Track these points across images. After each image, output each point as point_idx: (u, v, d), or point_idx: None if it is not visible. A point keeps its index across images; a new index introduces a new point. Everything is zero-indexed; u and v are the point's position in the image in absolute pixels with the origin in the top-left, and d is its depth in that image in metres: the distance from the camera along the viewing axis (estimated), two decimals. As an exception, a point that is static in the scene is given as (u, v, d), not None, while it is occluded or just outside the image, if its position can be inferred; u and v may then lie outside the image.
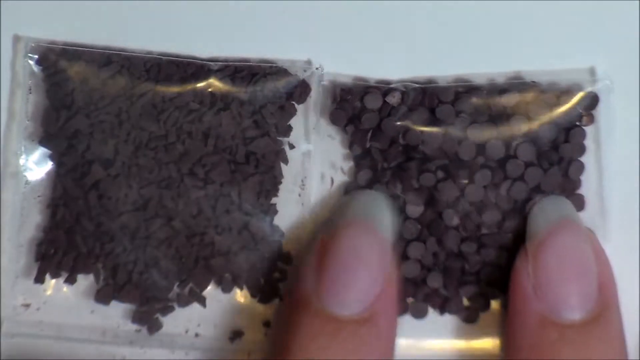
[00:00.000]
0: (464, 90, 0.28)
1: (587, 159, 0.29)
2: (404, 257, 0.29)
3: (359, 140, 0.29)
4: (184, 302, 0.29)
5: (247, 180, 0.29)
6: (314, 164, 0.29)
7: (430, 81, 0.29)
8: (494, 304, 0.29)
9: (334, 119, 0.29)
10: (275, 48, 0.29)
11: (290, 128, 0.29)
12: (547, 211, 0.28)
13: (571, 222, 0.27)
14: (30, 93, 0.29)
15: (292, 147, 0.29)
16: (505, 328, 0.27)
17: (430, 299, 0.29)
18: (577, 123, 0.28)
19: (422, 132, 0.28)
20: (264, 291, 0.29)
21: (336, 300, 0.26)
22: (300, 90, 0.29)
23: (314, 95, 0.29)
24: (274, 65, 0.29)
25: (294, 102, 0.29)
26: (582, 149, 0.28)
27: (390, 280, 0.26)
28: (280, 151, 0.29)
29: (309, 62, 0.29)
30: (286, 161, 0.29)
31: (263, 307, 0.29)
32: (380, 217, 0.28)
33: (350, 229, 0.27)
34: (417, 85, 0.28)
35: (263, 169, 0.29)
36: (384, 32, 0.29)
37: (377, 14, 0.29)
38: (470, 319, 0.30)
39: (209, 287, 0.29)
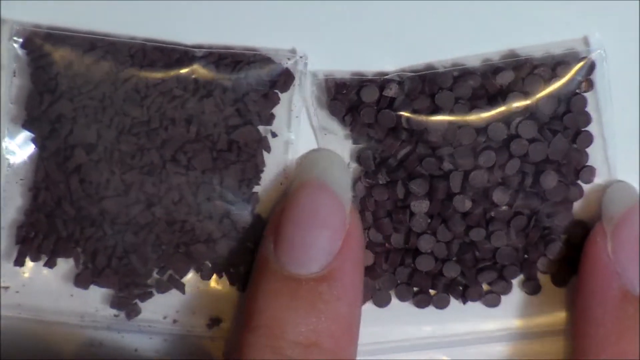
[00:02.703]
0: (459, 74, 0.28)
1: (590, 128, 0.29)
2: (417, 251, 0.29)
3: (358, 130, 0.29)
4: (163, 288, 0.29)
5: (229, 168, 0.29)
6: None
7: (428, 68, 0.29)
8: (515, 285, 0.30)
9: (332, 110, 0.29)
10: (261, 37, 0.29)
11: (272, 116, 0.29)
12: (621, 195, 0.29)
13: None
14: (14, 76, 0.29)
15: (274, 135, 0.29)
16: (579, 304, 0.28)
17: (450, 289, 0.30)
18: (577, 91, 0.28)
19: (425, 119, 0.28)
20: (243, 279, 0.29)
21: (292, 260, 0.26)
22: (284, 79, 0.29)
23: (298, 84, 0.29)
24: (258, 53, 0.29)
25: (277, 91, 0.29)
26: (586, 117, 0.29)
27: (349, 239, 0.27)
28: (262, 139, 0.29)
29: (293, 51, 0.29)
30: (268, 149, 0.29)
31: (242, 295, 0.29)
32: (335, 175, 0.28)
33: (304, 190, 0.27)
34: (412, 74, 0.28)
35: (245, 157, 0.29)
36: (374, 21, 0.29)
37: (366, 3, 0.29)
38: (492, 303, 0.30)
39: (189, 274, 0.29)
